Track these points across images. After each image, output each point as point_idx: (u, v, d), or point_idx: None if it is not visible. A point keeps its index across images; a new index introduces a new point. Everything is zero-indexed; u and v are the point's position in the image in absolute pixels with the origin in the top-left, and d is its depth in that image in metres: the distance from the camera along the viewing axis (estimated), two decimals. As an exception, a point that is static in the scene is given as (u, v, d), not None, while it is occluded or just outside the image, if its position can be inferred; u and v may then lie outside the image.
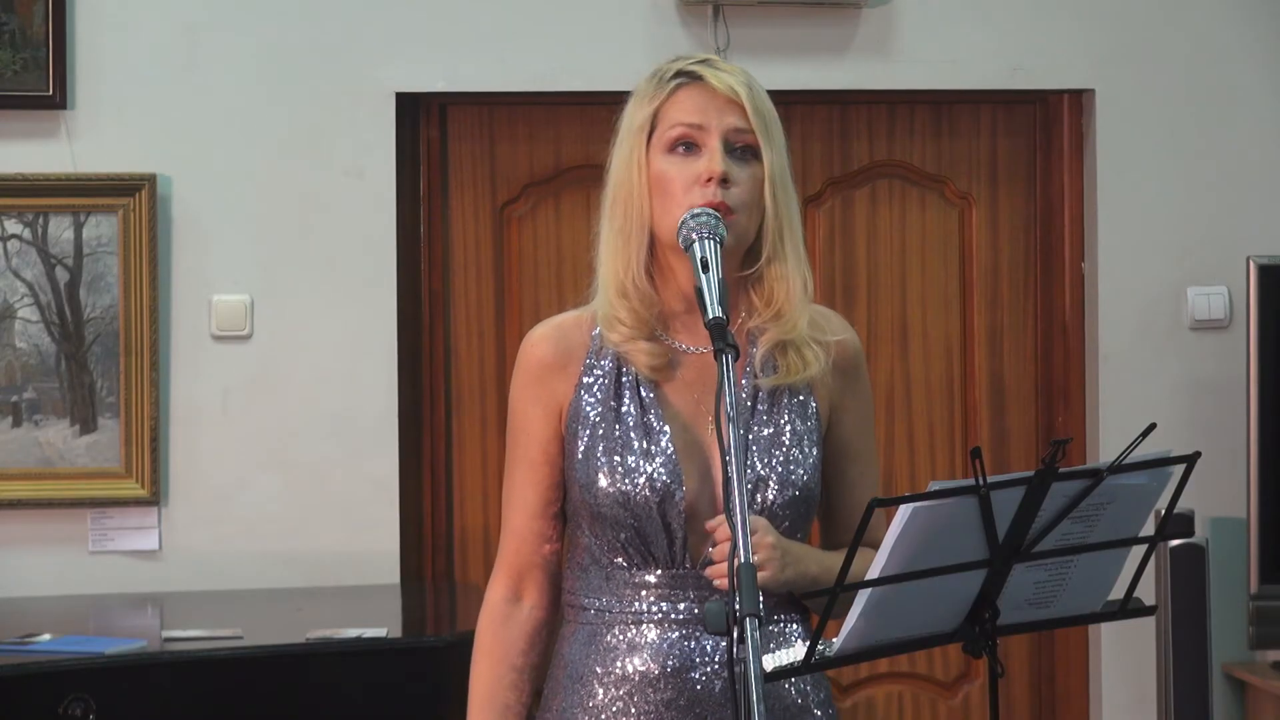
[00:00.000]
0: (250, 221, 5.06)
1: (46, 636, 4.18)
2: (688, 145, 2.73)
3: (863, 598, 2.46)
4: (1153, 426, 2.54)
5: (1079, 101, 5.36)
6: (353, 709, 4.14)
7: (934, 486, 2.43)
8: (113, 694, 3.98)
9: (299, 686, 4.13)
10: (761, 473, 2.73)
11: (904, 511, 2.42)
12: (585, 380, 2.78)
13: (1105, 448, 5.21)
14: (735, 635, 2.39)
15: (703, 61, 2.77)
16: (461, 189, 5.29)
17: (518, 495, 2.82)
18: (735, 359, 2.54)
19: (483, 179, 5.29)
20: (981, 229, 5.41)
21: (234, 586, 4.98)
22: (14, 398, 4.98)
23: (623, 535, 2.73)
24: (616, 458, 2.73)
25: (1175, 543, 4.95)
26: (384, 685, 4.13)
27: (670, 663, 2.73)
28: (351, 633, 4.19)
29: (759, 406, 2.76)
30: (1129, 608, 2.65)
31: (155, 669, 4.06)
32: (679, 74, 2.76)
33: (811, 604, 2.75)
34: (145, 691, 4.04)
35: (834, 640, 2.50)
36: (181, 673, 4.07)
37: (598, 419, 2.76)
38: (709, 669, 2.73)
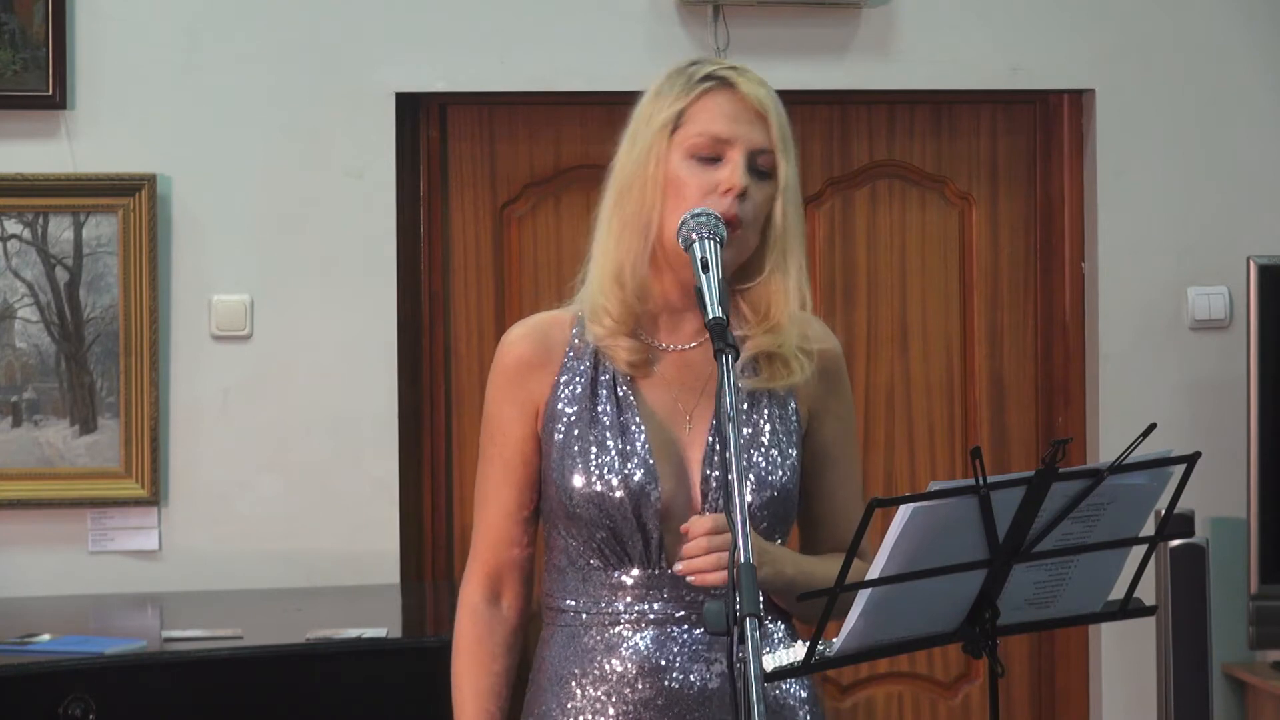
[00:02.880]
0: (250, 221, 5.06)
1: (46, 636, 4.18)
2: (710, 155, 2.73)
3: (863, 598, 2.46)
4: (1153, 427, 2.54)
5: (1079, 101, 5.36)
6: (353, 709, 4.14)
7: (934, 486, 2.43)
8: (113, 694, 3.97)
9: (299, 686, 4.13)
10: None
11: (904, 511, 2.42)
12: (562, 379, 2.78)
13: (1105, 448, 5.21)
14: (735, 636, 2.39)
15: (731, 68, 2.76)
16: (461, 189, 5.29)
17: (493, 496, 2.82)
18: (735, 359, 2.53)
19: (483, 179, 5.29)
20: (981, 229, 5.41)
21: (234, 586, 4.98)
22: (14, 398, 4.98)
23: (598, 535, 2.73)
24: (591, 457, 2.72)
25: (1175, 543, 4.95)
26: (384, 685, 4.13)
27: (648, 662, 2.73)
28: (351, 633, 4.19)
29: (739, 407, 2.75)
30: (1129, 608, 2.65)
31: (155, 669, 4.06)
32: (709, 76, 2.75)
33: (799, 612, 2.75)
34: (145, 691, 4.04)
35: (834, 640, 2.50)
36: (181, 673, 4.07)
37: (574, 418, 2.75)
38: (687, 668, 2.72)
